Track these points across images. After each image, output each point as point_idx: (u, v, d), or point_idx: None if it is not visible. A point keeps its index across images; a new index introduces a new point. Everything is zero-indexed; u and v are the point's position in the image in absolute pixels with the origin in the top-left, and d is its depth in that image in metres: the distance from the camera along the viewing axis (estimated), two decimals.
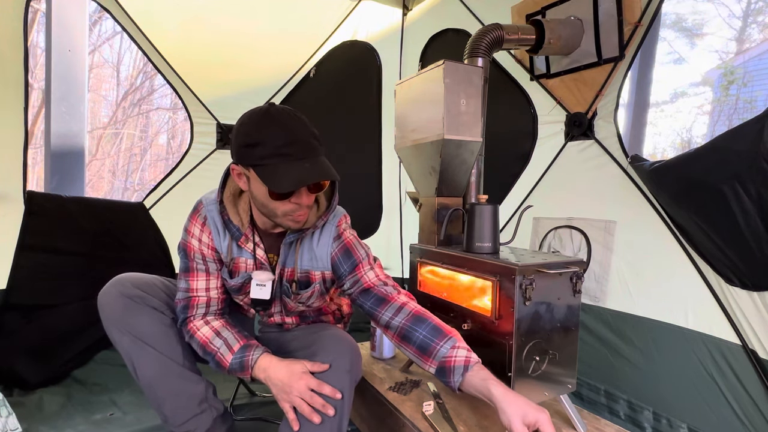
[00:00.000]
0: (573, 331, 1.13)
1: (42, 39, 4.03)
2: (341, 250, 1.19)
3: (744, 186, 1.14)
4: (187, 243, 1.17)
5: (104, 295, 1.13)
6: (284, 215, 1.05)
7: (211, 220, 1.16)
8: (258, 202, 1.06)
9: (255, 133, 0.98)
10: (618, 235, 1.58)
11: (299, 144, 0.98)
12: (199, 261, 1.17)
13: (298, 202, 1.03)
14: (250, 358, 1.08)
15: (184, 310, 1.16)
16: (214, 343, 1.11)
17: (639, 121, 1.80)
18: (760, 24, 4.75)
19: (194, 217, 1.17)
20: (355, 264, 1.19)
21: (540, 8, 1.67)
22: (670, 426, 1.43)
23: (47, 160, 2.07)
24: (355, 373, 1.08)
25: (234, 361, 1.09)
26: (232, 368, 1.09)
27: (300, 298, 1.23)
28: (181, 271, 1.19)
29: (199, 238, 1.16)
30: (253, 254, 1.17)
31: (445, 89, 1.23)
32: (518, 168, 1.93)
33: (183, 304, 1.16)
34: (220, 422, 1.19)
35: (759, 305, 1.23)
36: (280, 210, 1.04)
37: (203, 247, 1.16)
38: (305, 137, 0.99)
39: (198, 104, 2.20)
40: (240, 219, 1.15)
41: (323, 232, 1.19)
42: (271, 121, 0.99)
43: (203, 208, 1.17)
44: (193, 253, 1.16)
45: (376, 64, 2.50)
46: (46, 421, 1.53)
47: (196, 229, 1.16)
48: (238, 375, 1.11)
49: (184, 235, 1.18)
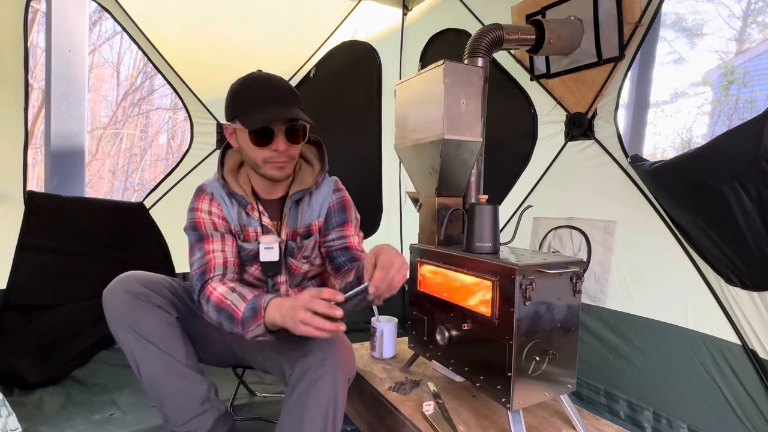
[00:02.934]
0: (573, 331, 1.13)
1: (42, 39, 4.02)
2: (339, 203, 1.32)
3: (744, 186, 1.14)
4: (196, 218, 1.21)
5: (110, 292, 1.13)
6: (265, 163, 1.16)
7: (217, 194, 1.24)
8: (245, 154, 1.19)
9: (237, 88, 1.16)
10: (618, 235, 1.58)
11: (274, 92, 1.14)
12: (211, 229, 1.21)
13: (276, 148, 1.13)
14: (262, 301, 1.03)
15: (201, 277, 1.14)
16: (228, 298, 1.08)
17: (639, 121, 1.80)
18: (760, 24, 4.75)
19: (200, 197, 1.24)
20: (346, 221, 1.31)
21: (540, 8, 1.67)
22: (670, 426, 1.43)
23: (47, 160, 2.07)
24: (348, 371, 1.08)
25: (247, 308, 1.04)
26: (244, 317, 1.03)
27: (304, 251, 1.28)
28: (194, 243, 1.20)
29: (208, 211, 1.22)
30: (260, 221, 1.24)
31: (445, 89, 1.23)
32: (518, 168, 1.93)
33: (200, 271, 1.15)
34: (221, 423, 1.19)
35: (759, 305, 1.23)
36: (260, 158, 1.15)
37: (214, 217, 1.22)
38: (281, 89, 1.16)
39: (198, 104, 2.20)
40: (243, 189, 1.24)
41: (321, 187, 1.31)
42: (252, 77, 1.17)
43: (207, 187, 1.25)
44: (204, 225, 1.21)
45: (376, 64, 2.50)
46: (46, 421, 1.53)
47: (204, 204, 1.23)
48: (249, 328, 1.03)
49: (190, 214, 1.22)
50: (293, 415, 1.03)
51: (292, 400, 1.05)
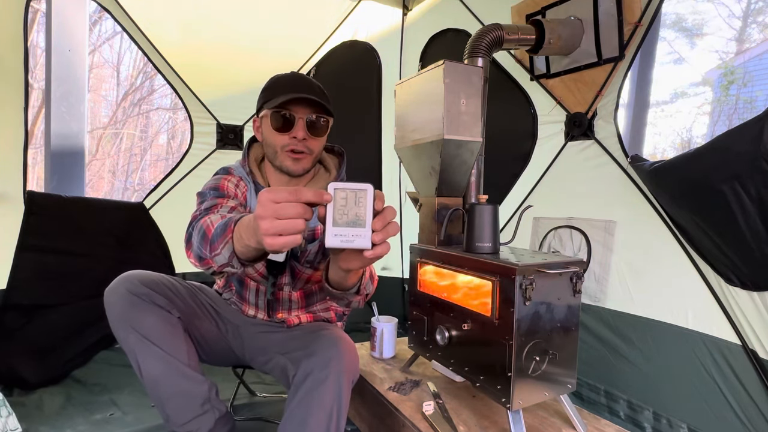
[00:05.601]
0: (573, 331, 1.13)
1: (42, 39, 4.02)
2: None
3: (744, 186, 1.14)
4: (221, 183, 1.21)
5: (111, 292, 1.12)
6: (283, 150, 1.19)
7: (245, 180, 1.27)
8: (266, 144, 1.22)
9: (270, 82, 1.24)
10: (618, 235, 1.58)
11: (303, 82, 1.20)
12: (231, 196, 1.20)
13: (295, 135, 1.17)
14: (236, 216, 0.89)
15: (204, 212, 1.06)
16: (213, 222, 0.94)
17: (639, 121, 1.80)
18: (760, 24, 4.75)
19: (230, 173, 1.26)
20: None
21: (540, 8, 1.67)
22: (670, 426, 1.43)
23: (47, 160, 2.07)
24: (352, 373, 1.08)
25: (220, 223, 0.91)
26: (215, 234, 0.91)
27: (307, 255, 1.29)
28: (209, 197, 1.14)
29: (236, 184, 1.24)
30: None
31: (445, 89, 1.22)
32: (518, 168, 1.93)
33: (205, 207, 1.10)
34: (221, 423, 1.19)
35: (759, 305, 1.23)
36: (279, 143, 1.18)
37: (238, 191, 1.24)
38: (310, 82, 1.20)
39: (198, 104, 2.20)
40: (265, 181, 1.28)
41: None
42: (285, 74, 1.24)
43: (234, 171, 1.28)
44: (226, 190, 1.20)
45: (376, 64, 2.50)
46: (46, 421, 1.53)
47: (233, 179, 1.24)
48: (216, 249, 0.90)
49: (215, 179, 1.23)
50: (296, 416, 1.03)
51: (296, 400, 1.05)
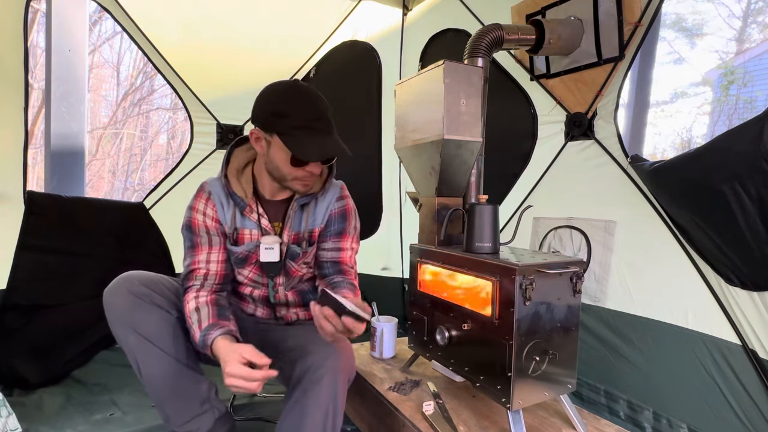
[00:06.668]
0: (573, 331, 1.13)
1: (42, 39, 4.02)
2: (340, 212, 1.32)
3: (744, 186, 1.13)
4: (192, 219, 1.24)
5: (111, 292, 1.12)
6: (294, 179, 1.18)
7: (215, 194, 1.25)
8: (272, 165, 1.17)
9: (284, 104, 1.11)
10: (618, 235, 1.58)
11: (324, 120, 1.13)
12: (203, 235, 1.23)
13: (312, 170, 1.17)
14: (209, 337, 1.07)
15: (184, 281, 1.21)
16: (192, 317, 1.13)
17: (639, 121, 1.80)
18: (760, 24, 4.76)
19: (199, 194, 1.27)
20: (344, 231, 1.31)
21: (540, 8, 1.67)
22: (670, 426, 1.43)
23: (47, 160, 2.07)
24: (348, 372, 1.09)
25: (200, 337, 1.09)
26: (199, 342, 1.09)
27: (306, 257, 1.29)
28: (187, 249, 1.25)
29: (203, 212, 1.24)
30: (258, 223, 1.24)
31: (445, 89, 1.23)
32: (518, 168, 1.93)
33: (184, 275, 1.22)
34: (221, 423, 1.19)
35: (759, 305, 1.23)
36: (292, 175, 1.16)
37: (207, 219, 1.24)
38: (327, 115, 1.14)
39: (198, 104, 2.20)
40: (243, 191, 1.24)
41: (327, 192, 1.31)
42: (300, 95, 1.12)
43: (207, 185, 1.27)
44: (198, 227, 1.23)
45: (376, 64, 2.49)
46: (46, 421, 1.53)
47: (201, 204, 1.25)
48: (202, 352, 1.10)
49: (188, 213, 1.25)
50: (293, 415, 1.03)
51: (293, 400, 1.05)
